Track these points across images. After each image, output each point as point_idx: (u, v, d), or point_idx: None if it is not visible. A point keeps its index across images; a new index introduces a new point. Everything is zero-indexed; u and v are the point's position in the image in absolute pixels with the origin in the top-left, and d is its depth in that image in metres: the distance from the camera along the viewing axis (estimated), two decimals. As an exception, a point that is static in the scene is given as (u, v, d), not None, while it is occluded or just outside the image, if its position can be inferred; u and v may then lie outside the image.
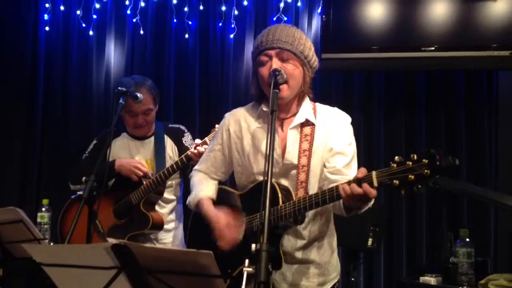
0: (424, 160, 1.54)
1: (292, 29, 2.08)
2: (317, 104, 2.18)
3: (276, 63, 2.00)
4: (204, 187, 2.22)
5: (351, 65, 3.97)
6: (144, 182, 2.90)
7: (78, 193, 3.13)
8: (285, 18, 4.20)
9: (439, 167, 1.52)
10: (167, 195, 3.06)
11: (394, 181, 1.60)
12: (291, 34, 2.04)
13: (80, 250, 1.50)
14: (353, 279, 3.36)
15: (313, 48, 2.11)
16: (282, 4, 4.22)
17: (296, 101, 2.12)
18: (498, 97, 3.99)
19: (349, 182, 1.73)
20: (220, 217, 2.06)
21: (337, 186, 1.77)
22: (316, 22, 4.22)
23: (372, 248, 3.21)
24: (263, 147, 2.08)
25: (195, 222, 2.35)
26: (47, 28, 4.62)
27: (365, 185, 1.68)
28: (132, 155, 3.10)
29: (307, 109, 2.10)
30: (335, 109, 2.17)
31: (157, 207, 3.03)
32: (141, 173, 2.93)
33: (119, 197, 2.99)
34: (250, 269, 1.51)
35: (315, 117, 2.10)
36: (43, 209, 3.08)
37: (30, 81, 4.60)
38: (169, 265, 1.39)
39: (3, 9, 4.60)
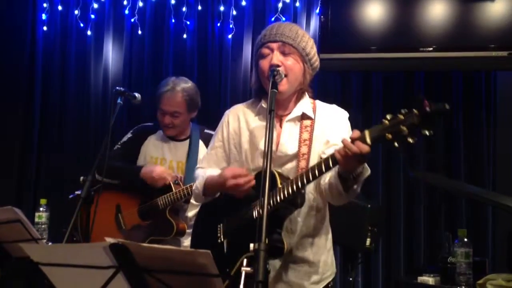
0: (414, 110, 1.54)
1: (296, 26, 2.13)
2: (317, 101, 2.19)
3: (277, 56, 2.02)
4: (207, 171, 2.20)
5: (350, 65, 3.97)
6: (174, 189, 2.89)
7: (76, 192, 3.12)
8: (283, 18, 4.20)
9: (430, 113, 1.51)
10: (193, 200, 3.05)
11: (387, 134, 1.59)
12: (295, 31, 2.07)
13: (78, 250, 1.50)
14: (351, 279, 3.36)
15: (315, 48, 2.13)
16: (280, 5, 4.22)
17: (294, 99, 2.13)
18: (496, 97, 4.00)
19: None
20: (225, 172, 2.02)
21: (332, 154, 1.77)
22: (314, 22, 4.22)
23: (370, 248, 3.21)
24: (260, 144, 2.09)
25: (199, 223, 2.35)
26: (45, 28, 4.62)
27: (358, 142, 1.66)
28: (164, 154, 3.08)
29: (305, 104, 2.12)
30: (334, 105, 2.19)
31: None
32: (168, 180, 2.91)
33: (146, 198, 2.99)
34: (248, 269, 1.51)
35: (314, 112, 2.12)
36: (41, 209, 3.08)
37: (27, 81, 4.59)
38: (167, 265, 1.39)
39: (1, 9, 4.60)
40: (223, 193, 2.11)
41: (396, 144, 1.59)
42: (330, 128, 2.08)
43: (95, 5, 4.54)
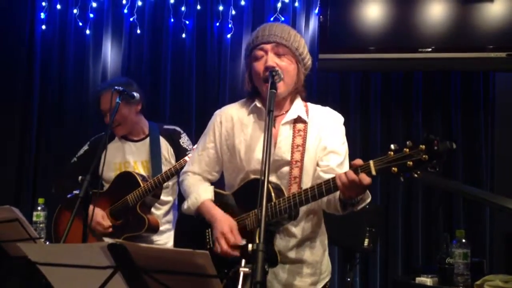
0: (421, 146, 1.55)
1: (287, 26, 2.12)
2: (309, 103, 2.17)
3: (271, 58, 2.00)
4: (202, 190, 2.16)
5: (348, 66, 3.97)
6: (142, 185, 2.88)
7: (75, 192, 3.12)
8: (283, 18, 4.20)
9: (437, 151, 1.53)
10: (163, 196, 3.04)
11: (393, 168, 1.61)
12: (287, 31, 2.06)
13: (76, 250, 1.49)
14: (349, 279, 3.36)
15: (306, 47, 2.12)
16: (279, 4, 4.22)
17: (288, 99, 2.12)
18: (494, 98, 4.01)
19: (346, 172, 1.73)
20: (220, 223, 2.01)
21: (333, 177, 1.77)
22: (313, 23, 4.22)
23: (368, 248, 3.21)
24: (255, 145, 2.07)
25: (181, 225, 2.33)
26: (43, 27, 4.61)
27: (362, 175, 1.67)
28: (126, 157, 3.08)
29: (299, 106, 2.10)
30: (327, 108, 2.17)
31: (152, 209, 3.02)
32: (101, 229, 2.93)
33: (116, 198, 2.97)
34: (246, 269, 1.51)
35: (307, 115, 2.10)
36: (39, 208, 3.07)
37: (25, 81, 4.58)
38: (165, 265, 1.38)
39: (-1, 7, 4.59)
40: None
41: (401, 178, 1.62)
42: (325, 132, 2.06)
43: (94, 4, 4.53)
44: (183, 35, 4.41)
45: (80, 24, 4.55)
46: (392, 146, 1.62)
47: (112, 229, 2.94)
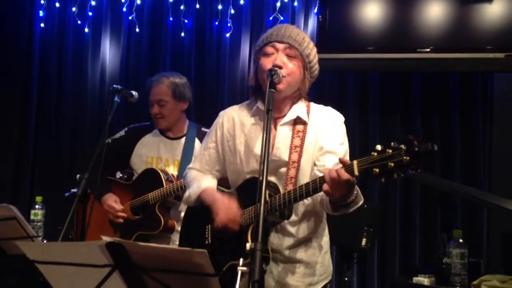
0: (402, 146, 1.54)
1: (303, 33, 2.13)
2: (312, 103, 2.18)
3: (280, 57, 2.02)
4: (204, 180, 2.19)
5: (347, 66, 3.97)
6: (165, 185, 2.88)
7: (72, 190, 3.12)
8: (281, 18, 4.21)
9: (418, 153, 1.52)
10: None
11: (374, 169, 1.60)
12: (302, 36, 2.08)
13: (74, 248, 1.50)
14: (346, 279, 3.37)
15: (317, 57, 2.13)
16: (278, 4, 4.22)
17: (290, 102, 2.12)
18: (493, 99, 4.01)
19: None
20: (220, 198, 2.03)
21: (320, 177, 1.78)
22: (312, 22, 4.22)
23: (366, 248, 3.22)
24: (255, 146, 2.08)
25: (187, 222, 2.34)
26: (42, 25, 4.61)
27: (340, 170, 1.67)
28: (159, 153, 3.08)
29: (300, 107, 2.11)
30: (329, 108, 2.17)
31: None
32: (114, 217, 2.99)
33: (138, 193, 2.99)
34: (244, 268, 1.52)
35: (308, 115, 2.10)
36: (37, 206, 3.08)
37: (24, 79, 4.58)
38: (164, 264, 1.39)
39: (-2, 5, 4.59)
40: None
41: (382, 179, 1.61)
42: (323, 133, 2.06)
43: (93, 2, 4.53)
44: (182, 34, 4.41)
45: (79, 22, 4.55)
46: (378, 147, 1.61)
47: (128, 224, 2.96)
